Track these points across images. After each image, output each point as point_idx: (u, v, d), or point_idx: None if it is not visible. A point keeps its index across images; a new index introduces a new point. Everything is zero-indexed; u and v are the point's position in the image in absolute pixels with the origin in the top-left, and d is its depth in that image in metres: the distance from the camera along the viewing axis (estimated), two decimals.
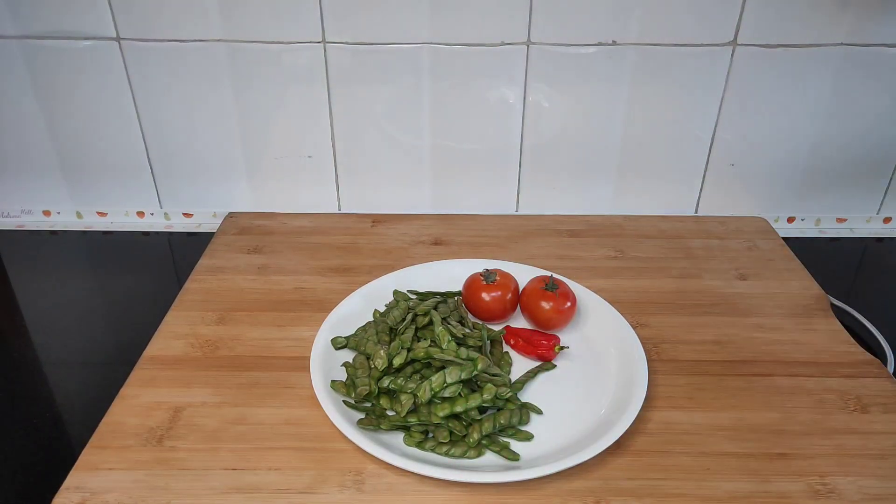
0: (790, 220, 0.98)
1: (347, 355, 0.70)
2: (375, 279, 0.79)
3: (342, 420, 0.60)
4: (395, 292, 0.77)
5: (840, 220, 0.98)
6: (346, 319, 0.73)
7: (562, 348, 0.70)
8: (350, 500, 0.56)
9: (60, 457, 0.61)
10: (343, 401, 0.64)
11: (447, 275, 0.80)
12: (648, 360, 0.68)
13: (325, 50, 0.85)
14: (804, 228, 0.98)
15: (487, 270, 0.75)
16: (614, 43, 0.84)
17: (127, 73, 0.87)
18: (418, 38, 0.84)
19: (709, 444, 0.61)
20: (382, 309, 0.75)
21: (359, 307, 0.75)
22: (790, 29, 0.83)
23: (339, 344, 0.71)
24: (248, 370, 0.68)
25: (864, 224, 0.98)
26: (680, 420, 0.63)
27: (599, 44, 0.84)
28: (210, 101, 0.89)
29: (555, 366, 0.70)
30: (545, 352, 0.70)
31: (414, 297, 0.77)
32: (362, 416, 0.63)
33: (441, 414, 0.60)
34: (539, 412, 0.64)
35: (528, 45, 0.85)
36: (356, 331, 0.72)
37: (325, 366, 0.67)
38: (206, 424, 0.62)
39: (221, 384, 0.67)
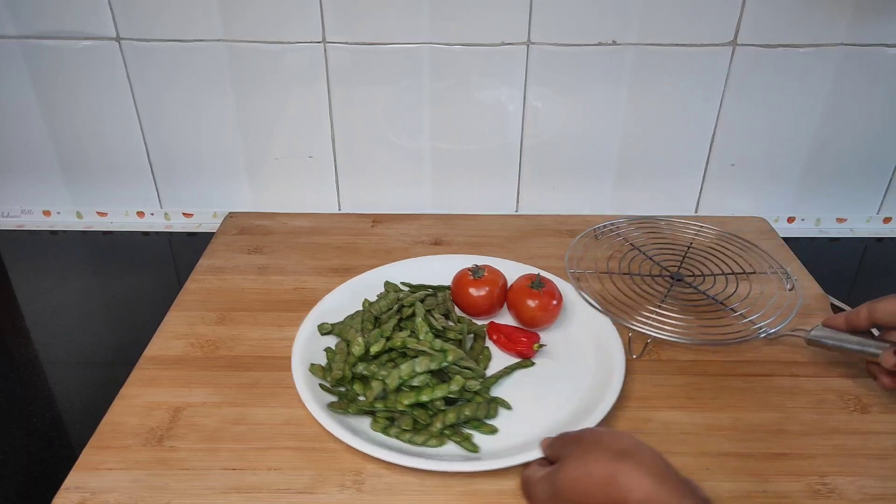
0: (790, 220, 0.98)
1: (334, 343, 0.71)
2: (370, 270, 0.80)
3: (318, 409, 0.61)
4: (387, 283, 0.78)
5: (840, 220, 0.98)
6: (338, 310, 0.75)
7: (541, 346, 0.70)
8: (350, 500, 0.56)
9: (60, 457, 0.61)
10: (319, 384, 0.66)
11: (444, 270, 0.80)
12: (648, 360, 0.67)
13: (325, 50, 0.85)
14: (804, 228, 0.98)
15: (476, 266, 0.75)
16: (614, 43, 0.84)
17: (127, 73, 0.87)
18: (418, 38, 0.84)
19: (708, 444, 0.61)
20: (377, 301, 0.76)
21: (350, 298, 0.76)
22: (790, 29, 0.83)
23: (324, 329, 0.72)
24: (248, 370, 0.68)
25: (864, 224, 0.98)
26: (680, 420, 0.63)
27: (599, 44, 0.84)
28: (210, 101, 0.89)
29: (533, 363, 0.70)
30: (524, 349, 0.70)
31: (406, 288, 0.78)
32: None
33: (406, 402, 0.62)
34: (508, 407, 0.64)
35: (528, 45, 0.85)
36: (344, 318, 0.74)
37: (308, 350, 0.69)
38: (206, 424, 0.62)
39: (221, 384, 0.67)
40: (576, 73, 0.86)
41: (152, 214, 0.99)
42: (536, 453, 0.57)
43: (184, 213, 0.99)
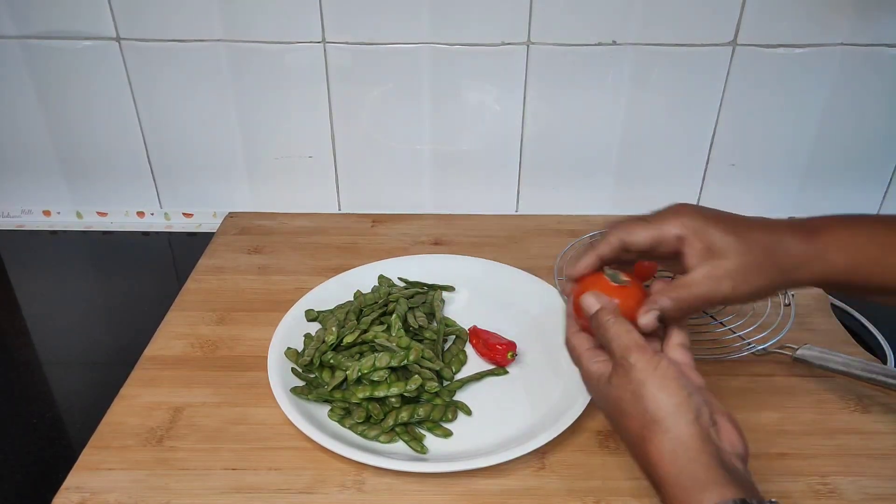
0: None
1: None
2: (370, 263, 0.82)
3: (291, 408, 0.62)
4: (381, 277, 0.79)
5: None
6: (333, 300, 0.76)
7: (514, 355, 0.69)
8: (350, 500, 0.56)
9: (60, 457, 0.61)
10: (291, 368, 0.67)
11: (443, 269, 0.81)
12: None
13: (325, 50, 0.85)
14: None
15: (614, 270, 0.57)
16: (614, 43, 0.84)
17: (127, 73, 0.87)
18: (418, 38, 0.84)
19: None
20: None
21: (345, 290, 0.78)
22: (790, 29, 0.83)
23: (311, 316, 0.74)
24: (248, 370, 0.68)
25: None
26: None
27: (599, 44, 0.84)
28: (210, 101, 0.89)
29: (506, 371, 0.69)
30: (498, 357, 0.69)
31: (402, 284, 0.79)
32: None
33: (360, 395, 0.62)
34: (468, 412, 0.64)
35: (528, 45, 0.85)
36: (334, 307, 0.75)
37: (291, 334, 0.71)
38: (206, 424, 0.62)
39: (221, 384, 0.67)
40: (576, 73, 0.86)
41: (152, 214, 0.99)
42: (484, 461, 0.57)
43: (184, 213, 0.99)
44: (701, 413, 0.44)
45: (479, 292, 0.79)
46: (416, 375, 0.63)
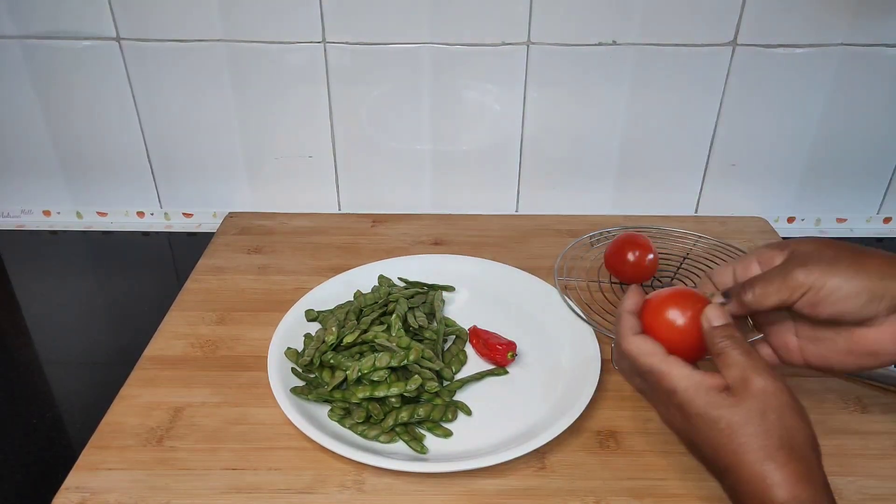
0: (790, 220, 0.98)
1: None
2: (370, 263, 0.82)
3: (291, 408, 0.62)
4: (381, 277, 0.79)
5: (840, 220, 0.98)
6: (334, 299, 0.76)
7: (514, 355, 0.69)
8: (350, 500, 0.56)
9: (60, 457, 0.61)
10: (291, 368, 0.67)
11: (442, 269, 0.81)
12: None
13: (325, 50, 0.85)
14: (804, 228, 0.98)
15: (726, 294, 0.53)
16: (614, 43, 0.84)
17: (127, 73, 0.87)
18: (418, 38, 0.84)
19: None
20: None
21: (345, 290, 0.78)
22: (790, 29, 0.83)
23: (311, 316, 0.74)
24: (248, 370, 0.68)
25: (864, 224, 0.98)
26: None
27: (599, 44, 0.84)
28: (210, 101, 0.89)
29: (507, 372, 0.69)
30: (497, 357, 0.69)
31: (402, 284, 0.79)
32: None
33: (360, 395, 0.62)
34: (468, 412, 0.64)
35: (528, 45, 0.85)
36: (334, 307, 0.75)
37: (291, 333, 0.71)
38: (206, 424, 0.62)
39: (221, 384, 0.67)
40: (576, 73, 0.86)
41: (152, 214, 0.99)
42: (484, 461, 0.56)
43: (184, 213, 0.99)
44: (817, 444, 0.47)
45: (479, 292, 0.79)
46: (416, 375, 0.63)
